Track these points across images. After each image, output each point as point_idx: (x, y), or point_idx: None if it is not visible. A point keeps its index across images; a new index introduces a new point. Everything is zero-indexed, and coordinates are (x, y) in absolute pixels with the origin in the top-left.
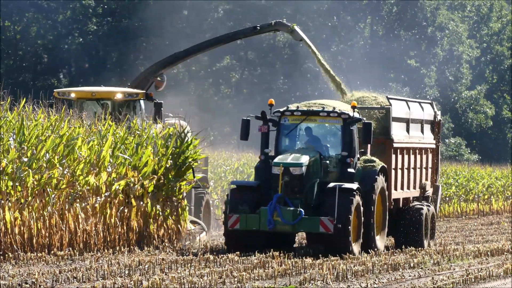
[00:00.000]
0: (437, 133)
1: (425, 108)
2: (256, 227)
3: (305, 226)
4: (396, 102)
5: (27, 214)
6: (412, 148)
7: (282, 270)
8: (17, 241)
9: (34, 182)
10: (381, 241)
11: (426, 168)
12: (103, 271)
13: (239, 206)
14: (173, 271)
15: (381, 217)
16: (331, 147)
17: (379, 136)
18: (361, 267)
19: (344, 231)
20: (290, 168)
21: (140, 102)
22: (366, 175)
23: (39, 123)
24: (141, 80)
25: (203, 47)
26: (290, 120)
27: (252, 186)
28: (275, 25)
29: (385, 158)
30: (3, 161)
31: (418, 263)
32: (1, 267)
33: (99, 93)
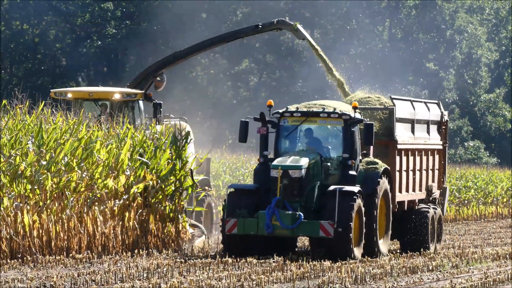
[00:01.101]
0: (444, 134)
1: (431, 108)
2: (254, 231)
3: (305, 230)
4: (400, 102)
5: (45, 217)
6: (417, 149)
7: (300, 273)
8: (36, 244)
9: (53, 185)
10: (384, 245)
11: (432, 169)
12: (121, 274)
13: (237, 210)
14: (192, 274)
15: (384, 220)
16: (332, 149)
17: (383, 137)
18: (380, 270)
19: (345, 235)
20: (289, 170)
21: (139, 102)
22: (368, 177)
23: (57, 127)
24: (140, 80)
25: (204, 46)
26: (289, 122)
27: (250, 189)
28: (278, 23)
29: (388, 160)
30: (22, 165)
31: (437, 266)
32: (20, 270)
33: (97, 93)
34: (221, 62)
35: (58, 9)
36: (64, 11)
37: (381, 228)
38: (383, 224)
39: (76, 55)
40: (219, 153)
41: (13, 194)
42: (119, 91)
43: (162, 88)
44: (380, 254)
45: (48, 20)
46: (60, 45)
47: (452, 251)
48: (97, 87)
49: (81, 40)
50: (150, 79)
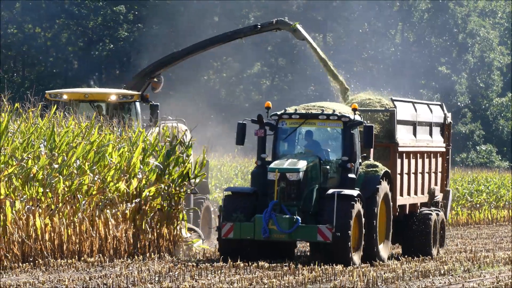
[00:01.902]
0: (448, 136)
1: (434, 110)
2: (250, 236)
3: (302, 235)
4: (402, 104)
5: (57, 221)
6: (419, 152)
7: (312, 277)
8: (48, 248)
9: (65, 189)
10: (384, 250)
11: (435, 172)
12: (133, 277)
13: (233, 214)
14: (203, 277)
15: (384, 225)
16: (331, 151)
17: (384, 140)
18: (391, 274)
19: (344, 240)
20: (286, 173)
21: (136, 104)
22: (368, 180)
23: (69, 130)
24: (137, 81)
25: (202, 46)
26: (288, 124)
27: (247, 192)
28: (277, 23)
29: (389, 162)
30: (34, 168)
31: (449, 270)
32: (32, 273)
33: (92, 94)
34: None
35: (71, 12)
36: (76, 14)
37: (381, 233)
38: (383, 228)
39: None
40: (230, 157)
41: (25, 197)
42: (115, 92)
43: (159, 89)
44: (380, 259)
45: (60, 23)
46: (72, 48)
47: (464, 255)
48: (92, 88)
49: (94, 43)
50: (147, 80)
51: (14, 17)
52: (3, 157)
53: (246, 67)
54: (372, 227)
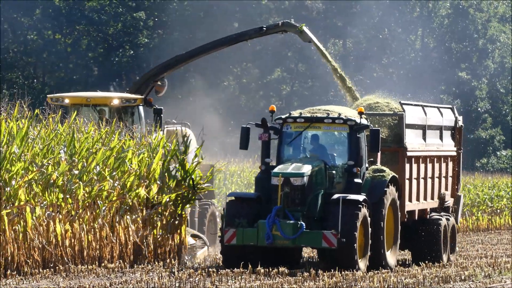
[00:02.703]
0: (459, 140)
1: (445, 114)
2: (254, 242)
3: (306, 241)
4: (410, 107)
5: (77, 227)
6: (429, 156)
7: (332, 282)
8: (68, 254)
9: (85, 195)
10: (392, 256)
11: (445, 177)
12: (153, 283)
13: (235, 220)
14: (224, 283)
15: (392, 231)
16: (337, 156)
17: (392, 144)
18: (412, 279)
19: (349, 246)
20: (290, 178)
21: (139, 108)
22: (375, 185)
23: (89, 136)
24: (141, 85)
25: (206, 49)
26: (292, 128)
27: (250, 198)
28: (283, 25)
29: (398, 167)
30: (54, 174)
31: (469, 276)
32: (52, 279)
33: (95, 98)
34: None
35: (91, 19)
36: (96, 20)
37: (389, 239)
38: (391, 234)
39: (108, 64)
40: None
41: (45, 203)
42: (118, 96)
43: (163, 93)
44: (388, 266)
45: (81, 30)
46: (93, 55)
47: (484, 260)
48: (95, 92)
49: (114, 50)
50: (151, 83)
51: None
52: (24, 163)
53: (266, 73)
54: (379, 233)
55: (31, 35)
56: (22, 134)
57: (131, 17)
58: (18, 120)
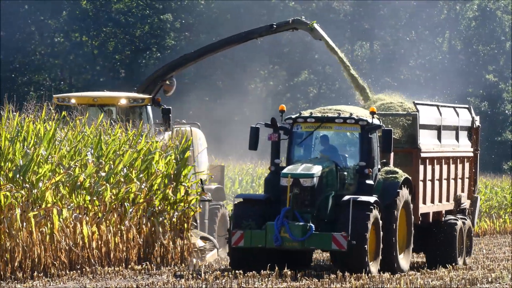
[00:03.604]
0: (475, 140)
1: (461, 114)
2: (262, 244)
3: (316, 243)
4: (425, 108)
5: (104, 229)
6: (444, 157)
7: (359, 284)
8: (95, 255)
9: (112, 197)
10: (405, 260)
11: (462, 178)
12: (180, 285)
13: (243, 222)
14: (250, 285)
15: (405, 234)
16: (349, 157)
17: (406, 145)
18: (439, 282)
19: (360, 248)
20: (300, 179)
21: (147, 107)
22: (387, 187)
23: (116, 138)
24: (149, 84)
25: (215, 47)
26: (303, 128)
27: (259, 199)
28: (293, 23)
29: (412, 169)
30: (81, 176)
31: (496, 278)
32: (79, 281)
33: (102, 98)
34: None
35: (118, 21)
36: (123, 22)
37: (402, 242)
38: (403, 238)
39: (135, 67)
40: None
41: (72, 205)
42: (125, 96)
43: (172, 93)
44: (401, 269)
45: (107, 32)
46: (119, 57)
47: (510, 262)
48: (102, 92)
49: (140, 52)
50: (159, 83)
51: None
52: (51, 165)
53: (293, 75)
54: (391, 236)
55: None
56: (50, 136)
57: (158, 19)
58: (45, 122)
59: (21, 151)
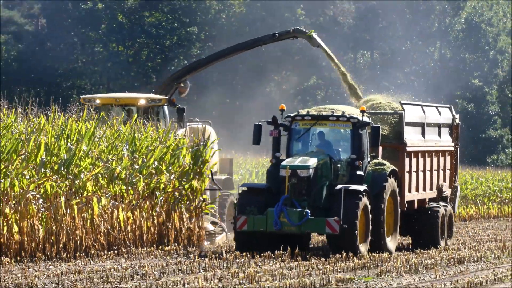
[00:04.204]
0: (456, 136)
1: (443, 112)
2: (263, 228)
3: (311, 227)
4: (410, 107)
5: (138, 214)
6: (427, 151)
7: (361, 263)
8: (130, 238)
9: (144, 186)
10: (392, 242)
11: (443, 170)
12: (204, 264)
13: (247, 208)
14: (266, 264)
15: (392, 219)
16: (342, 150)
17: (393, 140)
18: (431, 260)
19: (351, 231)
20: (297, 170)
21: (164, 107)
22: (376, 177)
23: (148, 135)
24: (165, 86)
25: (225, 54)
26: (300, 125)
27: (261, 188)
28: (294, 32)
29: (398, 161)
30: (117, 168)
31: (481, 257)
32: (116, 260)
33: (123, 99)
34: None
35: (149, 33)
36: (154, 34)
37: (389, 226)
38: (391, 222)
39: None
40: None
41: (110, 194)
42: (144, 97)
43: (186, 94)
44: (388, 250)
45: (141, 42)
46: (151, 64)
47: (494, 244)
48: (123, 93)
49: (169, 60)
50: (175, 85)
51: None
52: (91, 159)
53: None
54: (379, 221)
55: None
56: (90, 133)
57: (185, 31)
58: (86, 122)
59: (65, 147)
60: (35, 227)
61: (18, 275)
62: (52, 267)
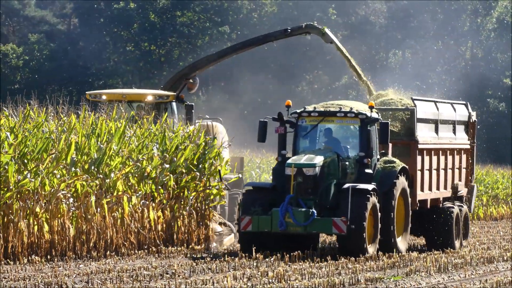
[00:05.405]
0: (472, 134)
1: (458, 109)
2: (268, 228)
3: (318, 227)
4: (422, 103)
5: (168, 213)
6: (441, 149)
7: (391, 262)
8: (160, 237)
9: (175, 186)
10: (403, 242)
11: (459, 168)
12: (234, 263)
13: (251, 208)
14: (295, 263)
15: (403, 218)
16: (350, 148)
17: (404, 137)
18: (460, 260)
19: (358, 232)
20: (303, 168)
21: (172, 104)
22: (386, 176)
23: (178, 134)
24: (174, 82)
25: (235, 49)
26: (307, 121)
27: (266, 187)
28: (306, 27)
29: (410, 159)
30: (148, 167)
31: (511, 257)
32: (146, 259)
33: (130, 95)
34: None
35: (181, 32)
36: (186, 33)
37: (399, 226)
38: (401, 222)
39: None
40: None
41: (140, 193)
42: (152, 93)
43: (195, 90)
44: (398, 251)
45: (173, 42)
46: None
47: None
48: (130, 89)
49: None
50: (183, 81)
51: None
52: (121, 158)
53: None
54: (389, 221)
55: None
56: (120, 133)
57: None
58: (117, 121)
59: (95, 146)
60: (66, 226)
61: (48, 274)
62: (82, 266)
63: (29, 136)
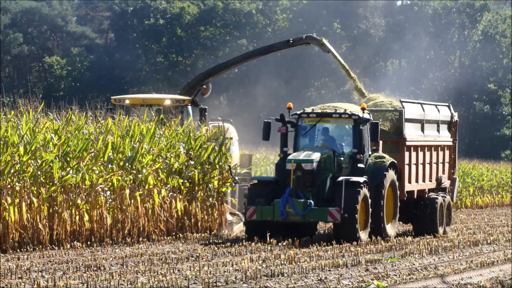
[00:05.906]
0: (454, 132)
1: (442, 110)
2: (270, 217)
3: (314, 216)
4: (409, 105)
5: (193, 204)
6: (426, 146)
7: (388, 246)
8: (186, 225)
9: (199, 180)
10: (392, 228)
11: (442, 163)
12: (251, 247)
13: (256, 199)
14: (305, 247)
15: (392, 207)
16: (344, 145)
17: (394, 136)
18: (449, 243)
19: (351, 220)
20: (302, 164)
21: (188, 107)
22: (376, 169)
23: (202, 135)
24: (189, 88)
25: (244, 58)
26: (306, 122)
27: (269, 181)
28: (306, 38)
29: (399, 155)
30: (175, 164)
31: (494, 240)
32: (173, 244)
33: (150, 99)
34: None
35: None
36: (209, 46)
37: (389, 214)
38: (390, 210)
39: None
40: None
41: (169, 186)
42: (170, 97)
43: (208, 95)
44: (388, 236)
45: (197, 53)
46: None
47: (506, 228)
48: (150, 94)
49: None
50: (198, 87)
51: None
52: (152, 156)
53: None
54: (379, 210)
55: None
56: (151, 133)
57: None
58: (148, 123)
59: (129, 145)
60: (104, 216)
61: (88, 257)
62: (118, 250)
63: (71, 137)
